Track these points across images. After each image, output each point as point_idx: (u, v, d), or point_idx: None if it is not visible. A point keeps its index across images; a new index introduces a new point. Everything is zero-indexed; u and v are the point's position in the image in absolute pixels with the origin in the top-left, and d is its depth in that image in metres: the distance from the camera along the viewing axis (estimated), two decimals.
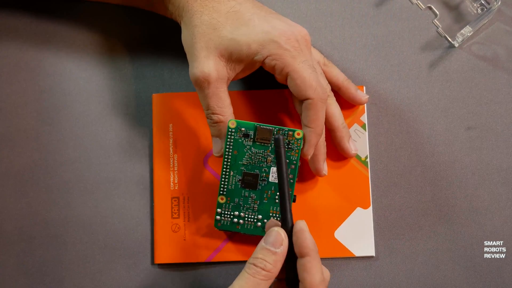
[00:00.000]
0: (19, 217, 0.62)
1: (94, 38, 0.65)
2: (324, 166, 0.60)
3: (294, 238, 0.51)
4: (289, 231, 0.51)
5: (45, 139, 0.63)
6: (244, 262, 0.52)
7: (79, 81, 0.64)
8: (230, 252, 0.61)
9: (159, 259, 0.61)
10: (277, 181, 0.57)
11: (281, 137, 0.51)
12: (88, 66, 0.64)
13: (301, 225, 0.51)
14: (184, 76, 0.64)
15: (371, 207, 0.62)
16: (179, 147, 0.62)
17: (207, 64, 0.55)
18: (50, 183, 0.63)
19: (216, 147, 0.58)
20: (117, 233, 0.62)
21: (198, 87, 0.56)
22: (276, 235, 0.51)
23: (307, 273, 0.50)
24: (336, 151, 0.62)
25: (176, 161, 0.62)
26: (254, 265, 0.50)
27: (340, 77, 0.61)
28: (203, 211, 0.61)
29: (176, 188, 0.62)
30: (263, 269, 0.50)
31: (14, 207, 0.62)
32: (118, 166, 0.63)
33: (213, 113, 0.56)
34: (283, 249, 0.51)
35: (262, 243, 0.51)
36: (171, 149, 0.62)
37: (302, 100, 0.56)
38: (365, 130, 0.63)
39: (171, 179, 0.62)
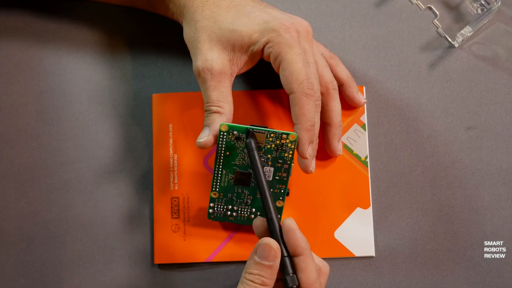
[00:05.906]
0: (19, 217, 0.62)
1: (94, 38, 0.65)
2: (312, 163, 0.57)
3: (285, 238, 0.51)
4: (278, 230, 0.51)
5: (45, 139, 0.63)
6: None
7: (79, 81, 0.64)
8: (230, 252, 0.61)
9: (159, 259, 0.61)
10: (270, 179, 0.57)
11: (252, 140, 0.54)
12: (88, 66, 0.64)
13: (289, 224, 0.51)
14: (184, 76, 0.64)
15: (371, 207, 0.62)
16: (179, 147, 0.62)
17: (210, 55, 0.55)
18: (50, 183, 0.63)
19: (203, 134, 0.55)
20: (117, 233, 0.62)
21: (201, 80, 0.55)
22: (269, 249, 0.50)
23: (302, 272, 0.50)
24: None
25: (176, 161, 0.62)
26: (252, 281, 0.50)
27: (344, 74, 0.61)
28: (203, 211, 0.61)
29: (176, 188, 0.62)
30: (262, 285, 0.50)
31: (14, 207, 0.62)
32: (118, 166, 0.63)
33: (212, 105, 0.55)
34: (277, 261, 0.50)
35: (255, 257, 0.50)
36: (171, 149, 0.62)
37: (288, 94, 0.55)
38: (365, 130, 0.63)
39: (171, 179, 0.62)
